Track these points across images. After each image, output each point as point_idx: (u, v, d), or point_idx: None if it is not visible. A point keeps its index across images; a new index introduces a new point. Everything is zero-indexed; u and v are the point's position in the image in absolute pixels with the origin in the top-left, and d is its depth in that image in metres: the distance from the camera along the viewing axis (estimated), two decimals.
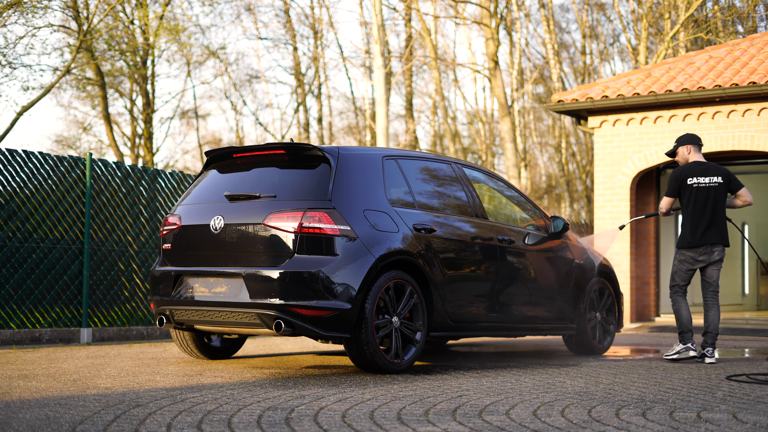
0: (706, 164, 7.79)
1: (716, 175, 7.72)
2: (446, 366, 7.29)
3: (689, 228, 7.75)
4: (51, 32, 21.79)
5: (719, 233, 7.76)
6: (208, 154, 7.24)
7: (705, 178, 7.68)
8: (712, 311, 7.81)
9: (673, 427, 4.23)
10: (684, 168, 7.80)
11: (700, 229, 7.70)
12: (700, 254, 7.78)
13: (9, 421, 4.20)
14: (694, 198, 7.73)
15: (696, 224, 7.71)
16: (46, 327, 9.57)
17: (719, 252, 7.80)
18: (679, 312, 7.88)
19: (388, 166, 6.97)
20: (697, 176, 7.69)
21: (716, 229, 7.75)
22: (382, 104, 19.56)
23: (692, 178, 7.71)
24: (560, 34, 33.93)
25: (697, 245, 7.74)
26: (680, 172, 7.79)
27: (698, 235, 7.72)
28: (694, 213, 7.72)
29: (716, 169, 7.75)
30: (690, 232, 7.75)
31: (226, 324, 6.51)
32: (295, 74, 32.73)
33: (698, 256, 7.78)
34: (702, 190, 7.70)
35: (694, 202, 7.73)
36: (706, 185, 7.69)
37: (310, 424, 4.20)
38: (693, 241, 7.74)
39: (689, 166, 7.79)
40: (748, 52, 14.12)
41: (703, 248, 7.76)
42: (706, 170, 7.74)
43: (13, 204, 9.46)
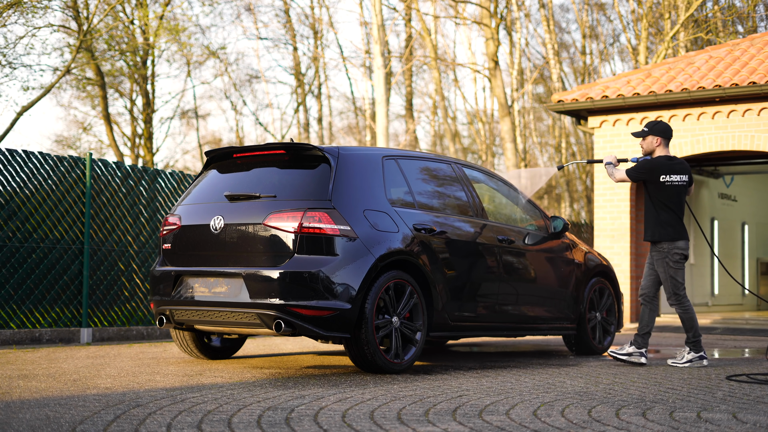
0: (674, 160, 7.54)
1: (683, 173, 7.50)
2: (446, 366, 7.29)
3: (676, 221, 7.49)
4: (51, 32, 21.78)
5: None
6: (208, 154, 7.24)
7: (676, 176, 7.46)
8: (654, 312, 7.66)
9: (673, 427, 4.23)
10: (656, 164, 7.48)
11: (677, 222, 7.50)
12: (687, 249, 7.52)
13: (9, 421, 4.20)
14: (671, 195, 7.48)
15: (679, 218, 7.51)
16: (46, 327, 9.57)
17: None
18: (692, 320, 7.48)
19: (388, 166, 6.97)
20: (670, 174, 7.45)
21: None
22: (382, 104, 19.56)
23: (665, 176, 7.45)
24: (560, 34, 33.94)
25: (685, 237, 7.52)
26: (653, 166, 7.49)
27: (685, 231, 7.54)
28: (678, 209, 7.51)
29: (682, 166, 7.52)
30: (680, 225, 7.50)
31: (226, 324, 6.51)
32: (295, 74, 32.73)
33: (687, 252, 7.53)
34: (675, 187, 7.49)
35: (673, 198, 7.48)
36: (677, 183, 7.47)
37: (310, 424, 4.20)
38: (685, 233, 7.54)
39: (661, 162, 7.49)
40: (748, 52, 14.12)
41: (687, 241, 7.51)
42: (675, 167, 7.48)
43: (13, 204, 9.46)
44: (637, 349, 7.51)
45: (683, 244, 7.48)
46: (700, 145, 13.49)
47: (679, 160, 7.57)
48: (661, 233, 7.46)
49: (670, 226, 7.44)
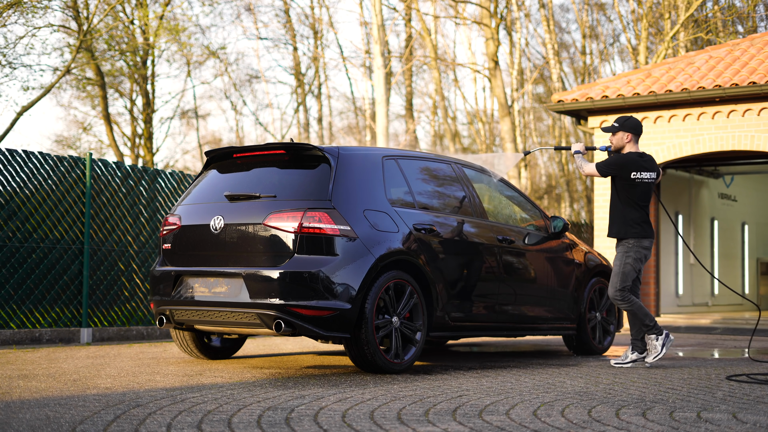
0: (645, 157, 7.40)
1: (653, 170, 7.35)
2: (446, 366, 7.29)
3: (644, 219, 7.33)
4: (51, 32, 21.78)
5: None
6: (208, 154, 7.24)
7: (646, 173, 7.31)
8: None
9: (673, 427, 4.23)
10: (627, 161, 7.31)
11: (648, 222, 7.40)
12: (650, 250, 7.42)
13: (9, 421, 4.20)
14: (641, 192, 7.31)
15: (646, 216, 7.39)
16: (46, 327, 9.57)
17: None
18: (641, 309, 7.32)
19: (388, 166, 6.97)
20: (640, 171, 7.29)
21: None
22: (382, 104, 19.56)
23: (636, 173, 7.29)
24: (560, 34, 33.94)
25: (651, 235, 7.37)
26: (624, 163, 7.32)
27: (651, 229, 7.42)
28: (646, 206, 7.39)
29: (652, 163, 7.40)
30: (647, 224, 7.35)
31: (226, 324, 6.51)
32: (295, 74, 32.72)
33: (649, 254, 7.42)
34: (645, 185, 7.32)
35: (642, 196, 7.32)
36: (647, 180, 7.32)
37: (310, 424, 4.20)
38: (652, 232, 7.39)
39: (632, 158, 7.32)
40: (748, 52, 14.12)
41: (652, 240, 7.41)
42: (646, 164, 7.34)
43: (13, 204, 9.46)
44: (640, 354, 7.40)
45: (649, 243, 7.35)
46: (700, 145, 13.49)
47: (649, 156, 7.44)
48: (627, 231, 7.33)
49: (638, 225, 7.31)
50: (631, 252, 7.31)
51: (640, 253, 7.32)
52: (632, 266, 7.30)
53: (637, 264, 7.32)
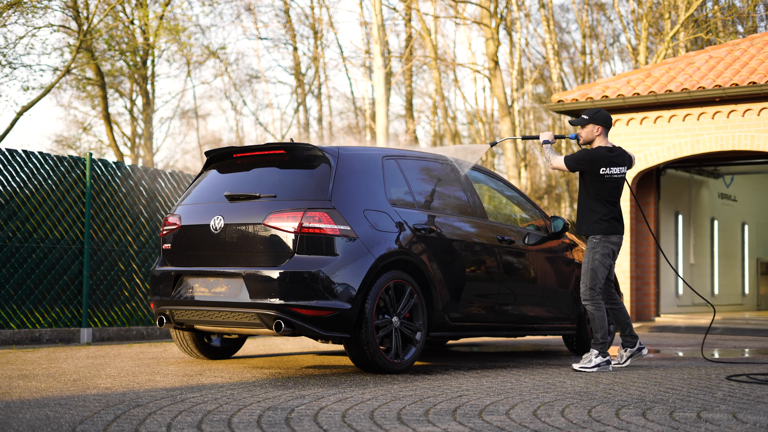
0: (615, 151, 7.14)
1: (623, 165, 7.11)
2: (446, 366, 7.28)
3: (613, 215, 7.10)
4: (51, 32, 21.79)
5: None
6: (208, 154, 7.24)
7: (616, 168, 7.05)
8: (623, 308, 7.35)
9: (673, 427, 4.23)
10: (597, 156, 7.07)
11: (618, 218, 7.14)
12: (620, 246, 7.20)
13: (9, 421, 4.20)
14: (610, 188, 7.08)
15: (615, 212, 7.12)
16: (46, 327, 9.57)
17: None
18: (604, 318, 7.07)
19: (388, 166, 6.97)
20: (610, 166, 7.04)
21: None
22: (382, 104, 19.56)
23: (605, 168, 7.04)
24: (560, 34, 33.93)
25: (619, 231, 7.14)
26: (594, 158, 7.07)
27: (621, 225, 7.16)
28: (616, 202, 7.13)
29: (623, 158, 7.15)
30: (616, 220, 7.12)
31: (226, 324, 6.50)
32: (295, 74, 32.72)
33: (618, 251, 7.19)
34: (615, 181, 7.09)
35: (611, 192, 7.09)
36: (617, 176, 7.08)
37: (310, 424, 4.20)
38: (621, 228, 7.14)
39: (602, 153, 7.07)
40: (748, 52, 14.12)
41: (621, 236, 7.18)
42: (616, 159, 7.08)
43: (13, 204, 9.46)
44: (632, 349, 7.28)
45: (617, 239, 7.12)
46: (700, 145, 13.49)
47: (620, 150, 7.19)
48: (594, 227, 7.10)
49: (605, 221, 7.07)
50: (598, 248, 7.07)
51: (607, 248, 7.07)
52: (600, 262, 7.05)
53: (605, 260, 7.07)
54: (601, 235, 7.09)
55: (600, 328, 7.03)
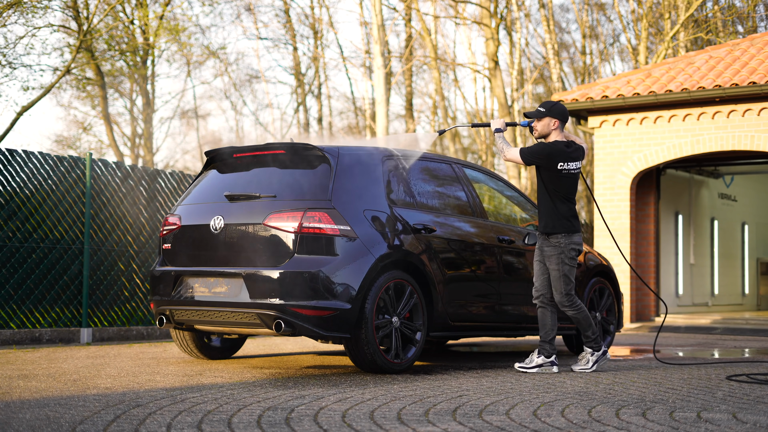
0: (572, 146, 6.88)
1: (579, 159, 6.87)
2: (446, 366, 7.28)
3: (572, 213, 6.88)
4: (51, 32, 21.78)
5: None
6: (208, 154, 7.24)
7: (573, 163, 6.81)
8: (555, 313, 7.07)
9: (673, 427, 4.23)
10: (554, 150, 6.80)
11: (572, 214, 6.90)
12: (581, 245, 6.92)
13: (9, 421, 4.20)
14: (568, 184, 6.85)
15: (575, 210, 6.93)
16: (46, 327, 9.57)
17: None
18: (588, 318, 6.91)
19: (388, 166, 6.97)
20: (567, 161, 6.80)
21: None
22: (382, 104, 19.56)
23: (563, 164, 6.79)
24: (560, 34, 33.93)
25: (578, 229, 6.89)
26: (551, 152, 6.80)
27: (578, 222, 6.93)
28: (573, 199, 6.91)
29: (579, 152, 6.89)
30: (575, 218, 6.89)
31: (226, 324, 6.50)
32: (295, 74, 32.71)
33: (580, 248, 6.91)
34: (572, 177, 6.86)
35: (569, 189, 6.86)
36: (573, 172, 6.85)
37: (310, 424, 4.20)
38: (578, 226, 6.93)
39: (559, 148, 6.81)
40: (748, 52, 14.12)
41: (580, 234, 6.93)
42: (573, 154, 6.84)
43: (13, 204, 9.45)
44: (547, 359, 6.87)
45: (578, 239, 6.89)
46: (700, 145, 13.49)
47: (576, 145, 6.92)
48: (557, 225, 6.82)
49: (566, 219, 6.81)
50: (565, 250, 6.82)
51: (573, 250, 6.85)
52: (570, 266, 6.84)
53: (573, 262, 6.87)
54: (565, 235, 6.82)
55: (587, 327, 6.91)
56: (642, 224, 14.61)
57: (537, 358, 6.91)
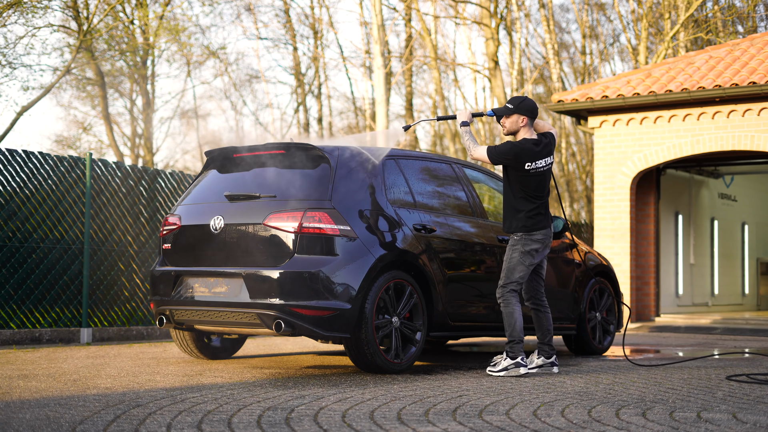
0: (541, 143, 6.70)
1: (549, 155, 6.71)
2: (446, 366, 7.29)
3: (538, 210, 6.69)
4: (51, 32, 21.79)
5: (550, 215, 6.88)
6: (208, 154, 7.24)
7: (541, 160, 6.65)
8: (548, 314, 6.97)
9: (673, 427, 4.23)
10: (522, 150, 6.62)
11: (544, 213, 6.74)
12: (545, 243, 6.76)
13: (9, 421, 4.20)
14: (536, 183, 6.68)
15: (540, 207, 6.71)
16: (46, 327, 9.57)
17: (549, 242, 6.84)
18: (512, 316, 6.61)
19: (388, 166, 6.97)
20: (535, 160, 6.63)
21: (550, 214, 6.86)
22: (382, 104, 19.56)
23: (530, 163, 6.62)
24: (560, 34, 33.93)
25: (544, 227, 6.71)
26: (518, 152, 6.62)
27: (546, 220, 6.75)
28: (541, 196, 6.71)
29: (548, 148, 6.72)
30: (542, 215, 6.72)
31: (226, 324, 6.50)
32: (295, 74, 32.71)
33: (544, 248, 6.75)
34: (540, 175, 6.69)
35: (537, 187, 6.69)
36: (542, 169, 6.68)
37: (310, 424, 4.20)
38: (545, 223, 6.73)
39: (527, 147, 6.64)
40: (748, 52, 14.12)
41: (547, 231, 6.75)
42: (542, 151, 6.67)
43: (13, 204, 9.45)
44: (547, 359, 6.87)
45: (541, 236, 6.68)
46: (700, 145, 13.49)
47: (547, 140, 6.74)
48: (516, 225, 6.70)
49: (529, 218, 6.65)
50: (518, 246, 6.66)
51: (528, 246, 6.64)
52: (519, 261, 6.63)
53: (525, 258, 6.64)
54: (523, 233, 6.67)
55: (508, 327, 6.61)
56: (642, 224, 14.60)
57: (537, 359, 6.91)
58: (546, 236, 6.73)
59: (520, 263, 6.65)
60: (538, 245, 6.69)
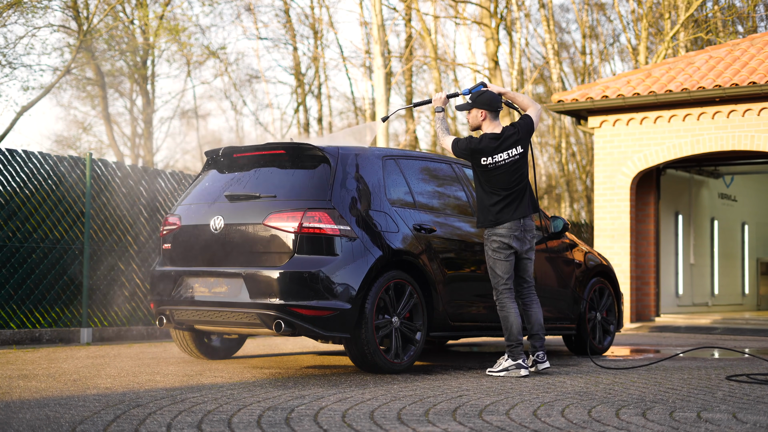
0: (503, 135, 6.57)
1: (514, 146, 6.57)
2: (446, 366, 7.29)
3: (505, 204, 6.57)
4: (51, 32, 21.81)
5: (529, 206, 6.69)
6: (208, 154, 7.24)
7: (503, 153, 6.53)
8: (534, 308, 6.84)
9: (673, 427, 4.23)
10: (477, 147, 6.55)
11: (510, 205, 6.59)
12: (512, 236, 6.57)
13: (9, 421, 4.20)
14: (498, 176, 6.56)
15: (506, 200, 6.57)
16: (46, 327, 9.57)
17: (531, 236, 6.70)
18: (508, 320, 6.61)
19: (388, 166, 6.97)
20: (493, 155, 6.52)
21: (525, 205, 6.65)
22: (382, 104, 19.56)
23: (486, 158, 6.54)
24: (560, 34, 33.93)
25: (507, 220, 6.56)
26: (473, 149, 6.56)
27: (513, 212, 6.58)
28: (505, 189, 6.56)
29: (513, 139, 6.57)
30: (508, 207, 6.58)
31: (226, 324, 6.51)
32: (295, 74, 32.71)
33: (514, 241, 6.57)
34: (500, 168, 6.55)
35: (499, 180, 6.56)
36: (503, 162, 6.54)
37: (310, 424, 4.20)
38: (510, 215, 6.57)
39: (483, 144, 6.55)
40: (748, 52, 14.12)
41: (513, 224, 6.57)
42: (502, 144, 6.55)
43: (13, 204, 9.45)
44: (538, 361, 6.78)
45: (503, 231, 6.55)
46: (700, 145, 13.49)
47: (512, 131, 6.59)
48: (482, 220, 6.66)
49: (491, 213, 6.57)
50: (488, 243, 6.64)
51: (495, 242, 6.58)
52: (495, 258, 6.59)
53: (497, 254, 6.58)
54: (489, 228, 6.64)
55: (505, 331, 6.61)
56: (642, 224, 14.60)
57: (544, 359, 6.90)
58: (511, 229, 6.57)
59: (495, 259, 6.61)
60: (506, 239, 6.56)
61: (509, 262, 6.61)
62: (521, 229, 6.61)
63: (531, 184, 6.79)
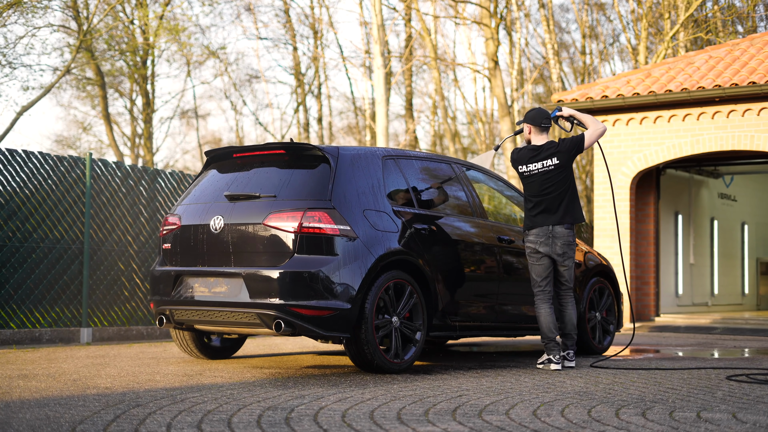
0: (541, 148, 7.13)
1: (549, 158, 7.08)
2: (446, 366, 7.29)
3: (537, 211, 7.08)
4: (51, 32, 21.81)
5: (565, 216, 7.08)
6: (208, 154, 7.24)
7: (537, 163, 7.07)
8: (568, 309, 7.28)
9: (673, 427, 4.23)
10: (516, 155, 7.21)
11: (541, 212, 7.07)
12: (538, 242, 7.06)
13: (9, 421, 4.21)
14: (531, 184, 7.12)
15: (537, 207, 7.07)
16: (46, 327, 9.57)
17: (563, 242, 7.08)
18: (538, 320, 7.14)
19: (388, 166, 6.97)
20: (527, 164, 7.12)
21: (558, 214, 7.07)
22: (382, 104, 19.56)
23: (522, 166, 7.16)
24: (560, 34, 33.93)
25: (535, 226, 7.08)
26: (514, 158, 7.23)
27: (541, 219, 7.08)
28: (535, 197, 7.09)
29: (548, 152, 7.09)
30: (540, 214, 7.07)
31: (226, 324, 6.51)
32: (295, 74, 32.71)
33: (538, 246, 7.05)
34: (532, 176, 7.10)
35: (532, 188, 7.13)
36: (536, 172, 7.08)
37: (310, 424, 4.20)
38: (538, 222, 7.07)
39: (522, 153, 7.19)
40: (748, 52, 14.12)
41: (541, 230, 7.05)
42: (536, 156, 7.11)
43: (13, 204, 9.46)
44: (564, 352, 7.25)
45: (532, 236, 7.10)
46: (700, 145, 13.49)
47: (551, 145, 7.14)
48: (524, 224, 7.28)
49: (528, 218, 7.17)
50: (525, 250, 7.34)
51: (527, 247, 7.18)
52: (530, 263, 7.18)
53: (530, 258, 7.16)
54: (525, 233, 7.24)
55: (539, 328, 7.15)
56: (642, 224, 14.60)
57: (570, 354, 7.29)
58: (538, 235, 7.11)
59: (530, 263, 7.21)
60: (532, 244, 7.13)
61: (541, 266, 7.12)
62: (548, 236, 7.10)
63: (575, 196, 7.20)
